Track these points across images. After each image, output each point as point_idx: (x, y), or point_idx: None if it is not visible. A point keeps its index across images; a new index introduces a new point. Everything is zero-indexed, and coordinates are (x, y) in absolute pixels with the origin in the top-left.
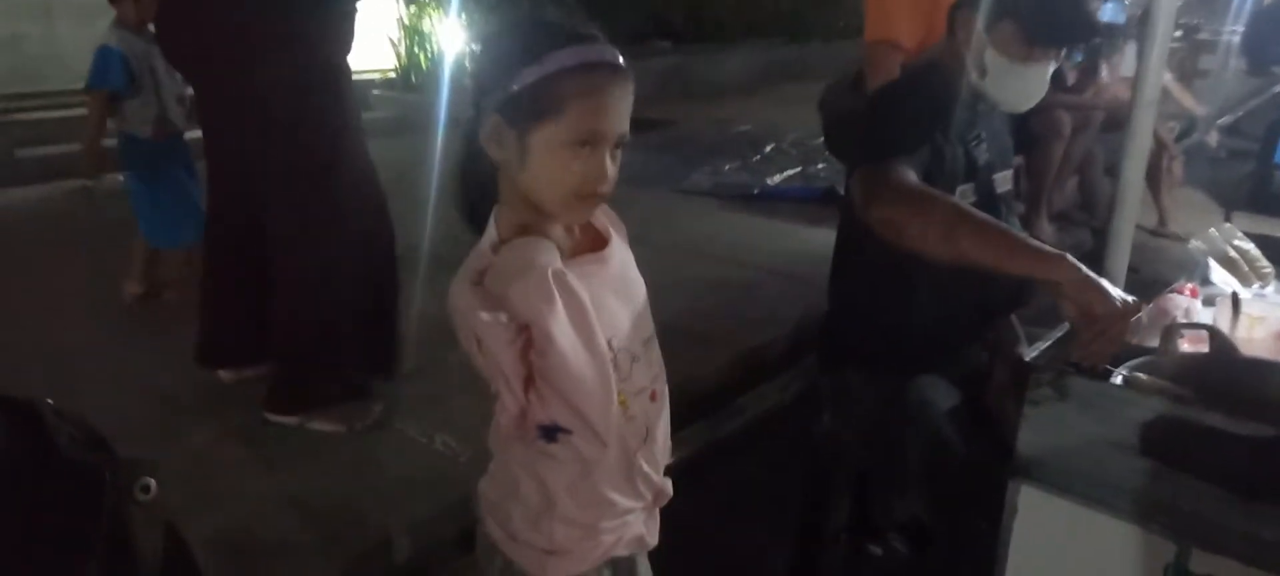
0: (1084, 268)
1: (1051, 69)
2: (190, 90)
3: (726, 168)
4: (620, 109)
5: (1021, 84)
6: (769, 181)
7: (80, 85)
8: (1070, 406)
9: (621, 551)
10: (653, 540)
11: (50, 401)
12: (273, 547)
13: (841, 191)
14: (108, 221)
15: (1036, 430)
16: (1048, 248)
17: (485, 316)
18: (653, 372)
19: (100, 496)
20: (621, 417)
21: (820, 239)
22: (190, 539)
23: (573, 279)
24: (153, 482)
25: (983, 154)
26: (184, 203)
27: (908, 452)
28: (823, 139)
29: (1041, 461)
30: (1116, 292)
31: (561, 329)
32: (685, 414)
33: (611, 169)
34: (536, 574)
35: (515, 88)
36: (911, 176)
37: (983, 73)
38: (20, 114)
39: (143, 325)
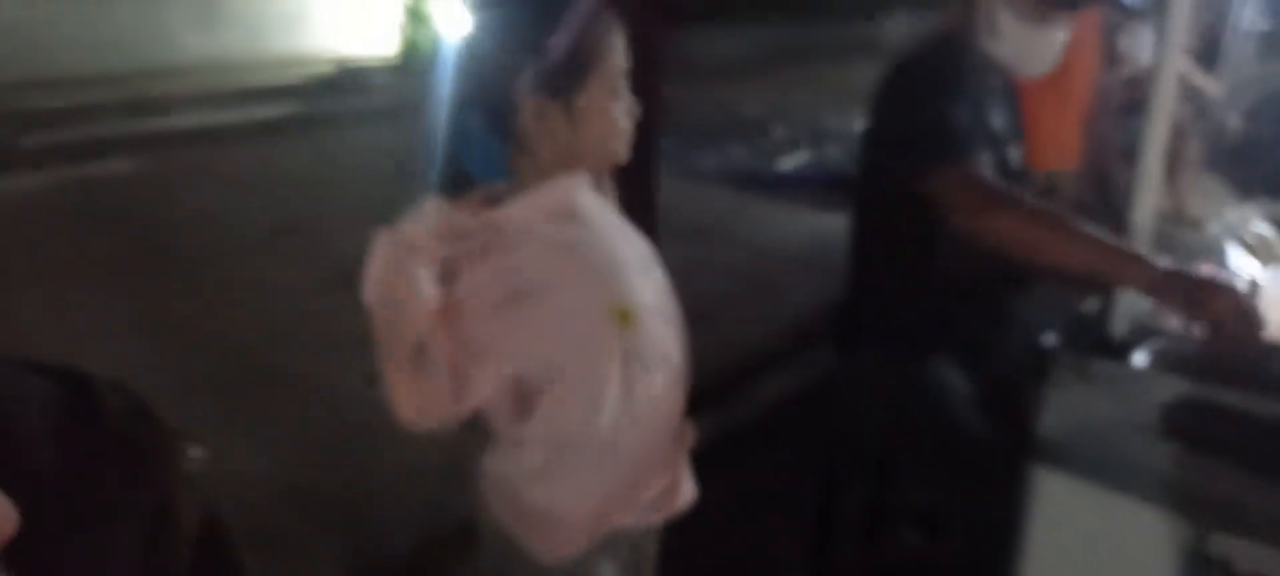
0: (1162, 267)
1: (1065, 34)
2: None
3: (736, 152)
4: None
5: (1035, 46)
6: (779, 165)
7: (83, 71)
8: (1091, 389)
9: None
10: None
11: (99, 373)
12: (271, 534)
13: (854, 174)
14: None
15: (1057, 413)
16: (1128, 250)
17: None
18: None
19: (148, 465)
20: None
21: (829, 223)
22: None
23: None
24: (199, 454)
25: (999, 125)
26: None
27: (926, 437)
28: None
29: (1062, 445)
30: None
31: None
32: (696, 401)
33: None
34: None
35: (548, 62)
36: (993, 179)
37: (997, 36)
38: (20, 101)
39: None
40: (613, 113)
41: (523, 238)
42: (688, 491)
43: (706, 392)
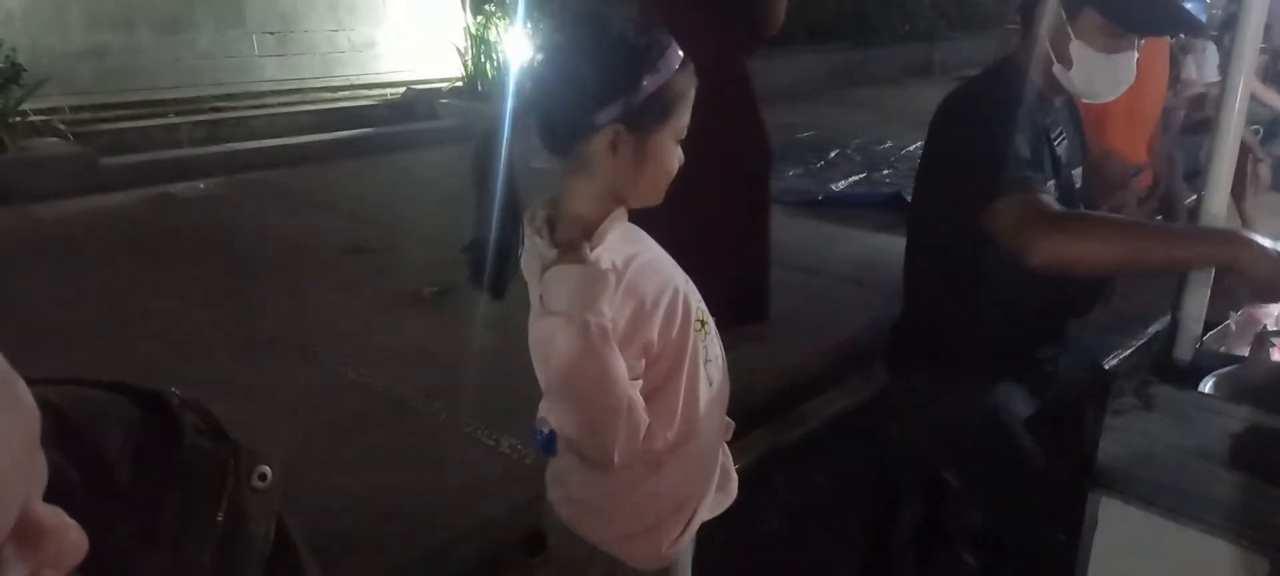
0: (1257, 239)
1: (1135, 56)
2: None
3: (790, 173)
4: None
5: (1108, 73)
6: (834, 187)
7: (164, 95)
8: (1155, 416)
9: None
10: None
11: (175, 391)
12: (338, 544)
13: (908, 197)
14: (187, 224)
15: (1118, 440)
16: (1214, 228)
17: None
18: None
19: (221, 482)
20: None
21: (885, 244)
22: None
23: None
24: (269, 471)
25: (1063, 150)
26: None
27: (981, 460)
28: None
29: (1124, 472)
30: None
31: None
32: (750, 419)
33: None
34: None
35: (639, 98)
36: (1054, 202)
37: (1068, 64)
38: (104, 123)
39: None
40: (673, 156)
41: (625, 260)
42: (735, 477)
43: (759, 410)
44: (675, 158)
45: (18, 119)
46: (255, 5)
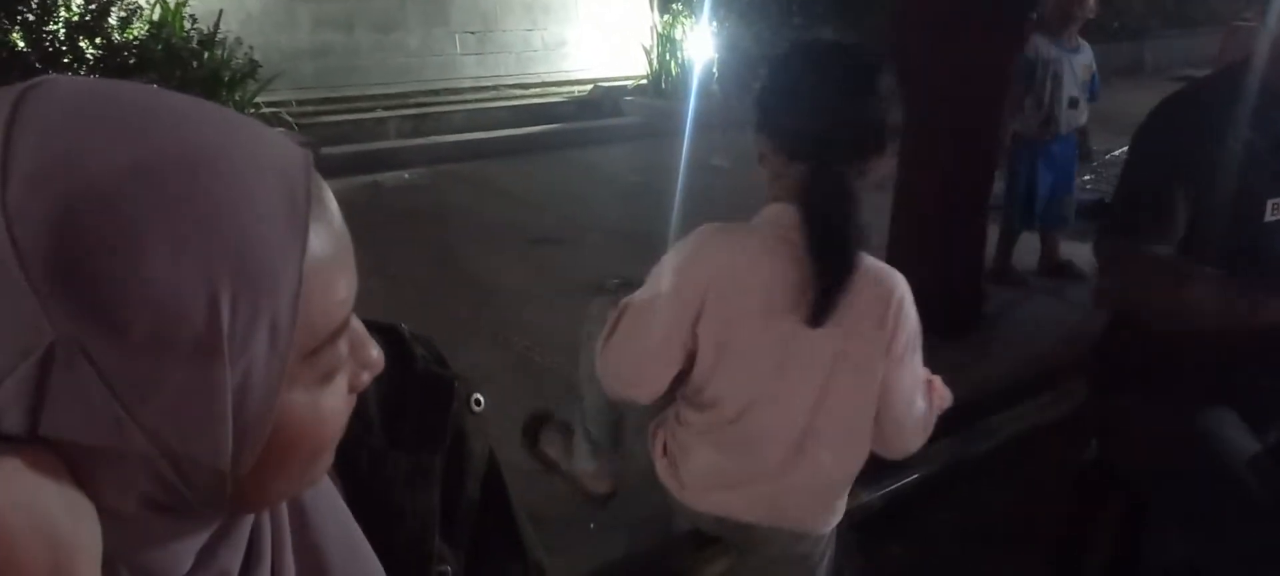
0: None
1: None
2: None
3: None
4: None
5: None
6: None
7: (376, 91)
8: None
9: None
10: None
11: (404, 325)
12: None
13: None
14: (393, 211)
15: None
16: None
17: None
18: None
19: (449, 402)
20: None
21: (1088, 252)
22: None
23: None
24: (482, 399)
25: None
26: (1032, 194)
27: (1191, 490)
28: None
29: None
30: None
31: None
32: (934, 429)
33: None
34: None
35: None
36: (1146, 247)
37: None
38: (324, 116)
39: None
40: None
41: None
42: None
43: (944, 420)
44: None
45: (252, 110)
46: (459, 6)
